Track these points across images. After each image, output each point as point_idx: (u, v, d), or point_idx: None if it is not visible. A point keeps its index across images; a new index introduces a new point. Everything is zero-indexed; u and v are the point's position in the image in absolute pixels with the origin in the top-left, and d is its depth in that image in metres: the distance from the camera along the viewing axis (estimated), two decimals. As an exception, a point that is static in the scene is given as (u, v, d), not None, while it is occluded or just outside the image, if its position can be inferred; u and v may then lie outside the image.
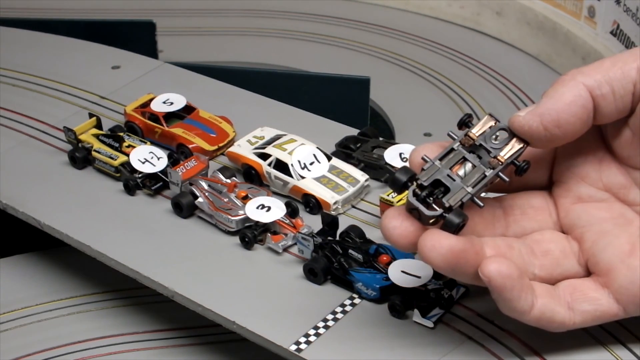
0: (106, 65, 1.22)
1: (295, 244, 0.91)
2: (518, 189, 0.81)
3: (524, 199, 0.80)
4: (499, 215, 0.79)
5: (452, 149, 0.76)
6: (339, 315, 0.85)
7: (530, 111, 0.75)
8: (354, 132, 1.05)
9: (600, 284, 0.76)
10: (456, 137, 0.76)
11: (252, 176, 1.00)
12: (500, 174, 0.75)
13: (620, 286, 0.75)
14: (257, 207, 0.93)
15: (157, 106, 1.08)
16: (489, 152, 0.75)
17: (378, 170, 0.99)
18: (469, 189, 0.74)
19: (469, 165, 0.75)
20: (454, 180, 0.74)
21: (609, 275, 0.76)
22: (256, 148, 1.01)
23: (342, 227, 0.91)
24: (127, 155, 1.01)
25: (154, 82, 1.17)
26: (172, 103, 1.08)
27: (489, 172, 0.75)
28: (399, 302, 0.83)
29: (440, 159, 0.75)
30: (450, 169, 0.75)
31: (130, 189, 1.00)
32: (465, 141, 0.76)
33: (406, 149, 0.99)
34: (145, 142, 1.04)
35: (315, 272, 0.88)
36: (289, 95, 1.17)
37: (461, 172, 0.75)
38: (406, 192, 0.75)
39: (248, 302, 0.87)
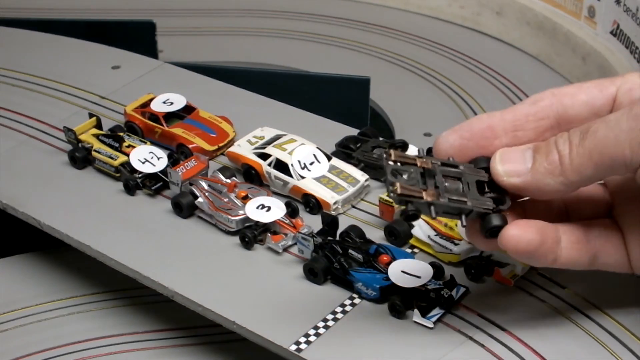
0: (106, 65, 1.22)
1: (295, 244, 0.91)
2: None
3: None
4: None
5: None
6: (339, 315, 0.85)
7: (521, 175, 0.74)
8: (354, 132, 1.05)
9: (623, 243, 0.77)
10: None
11: (252, 176, 1.00)
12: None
13: (637, 254, 0.77)
14: (257, 207, 0.93)
15: (157, 106, 1.08)
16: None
17: (378, 170, 0.99)
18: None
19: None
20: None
21: (627, 238, 0.77)
22: (256, 148, 1.01)
23: (342, 227, 0.91)
24: (127, 155, 1.01)
25: (154, 82, 1.17)
26: (172, 103, 1.08)
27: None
28: (399, 302, 0.83)
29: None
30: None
31: (130, 189, 1.00)
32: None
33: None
34: (145, 142, 1.03)
35: (315, 272, 0.88)
36: (289, 95, 1.17)
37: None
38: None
39: (248, 302, 0.87)
